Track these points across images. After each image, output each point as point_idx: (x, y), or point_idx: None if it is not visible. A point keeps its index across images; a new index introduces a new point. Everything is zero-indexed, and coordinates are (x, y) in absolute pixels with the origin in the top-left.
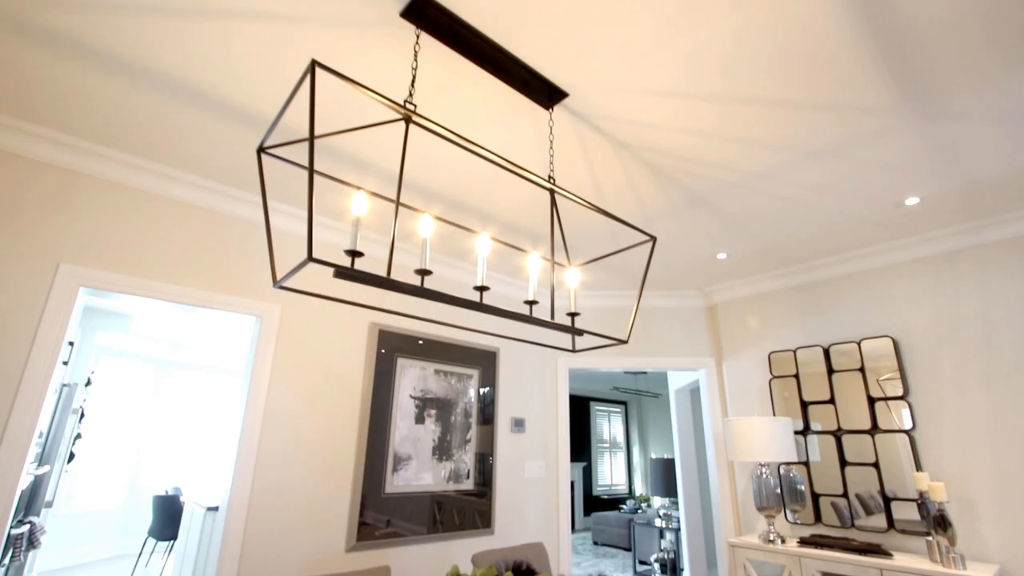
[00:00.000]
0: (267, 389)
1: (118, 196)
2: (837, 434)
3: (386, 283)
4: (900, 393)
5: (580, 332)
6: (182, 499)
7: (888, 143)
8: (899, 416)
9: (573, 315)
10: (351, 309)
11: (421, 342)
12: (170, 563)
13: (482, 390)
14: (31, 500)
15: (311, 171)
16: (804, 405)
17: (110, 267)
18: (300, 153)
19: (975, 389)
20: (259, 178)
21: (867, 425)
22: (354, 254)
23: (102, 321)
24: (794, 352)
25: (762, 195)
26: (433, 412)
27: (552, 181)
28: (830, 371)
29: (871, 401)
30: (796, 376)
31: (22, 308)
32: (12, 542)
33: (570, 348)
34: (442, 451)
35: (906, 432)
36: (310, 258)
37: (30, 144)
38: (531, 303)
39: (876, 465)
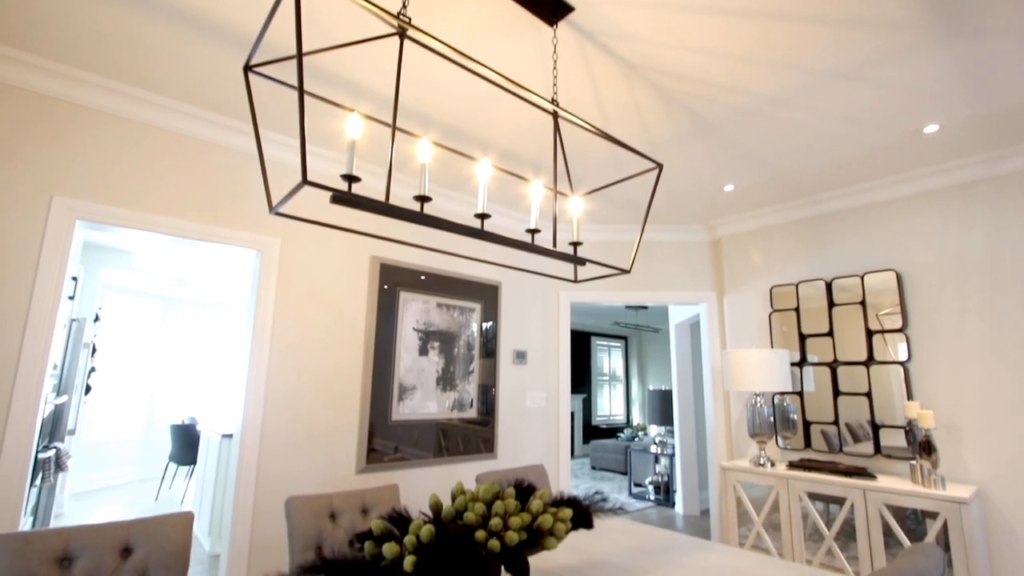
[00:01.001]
0: (272, 323)
1: (111, 127)
2: (833, 365)
3: (385, 209)
4: (899, 326)
5: (582, 261)
6: (198, 428)
7: (911, 63)
8: (895, 348)
9: (576, 244)
10: (352, 243)
11: (423, 277)
12: (192, 485)
13: (484, 324)
14: (54, 428)
15: (300, 87)
16: (802, 338)
17: (105, 200)
18: (290, 74)
19: (974, 322)
20: (248, 99)
21: (863, 357)
22: (351, 179)
23: (104, 257)
24: (796, 286)
25: (773, 121)
26: (436, 344)
27: (555, 103)
28: (831, 305)
29: (869, 334)
30: (796, 310)
31: (20, 243)
32: (41, 465)
33: (572, 279)
34: (446, 381)
35: (901, 363)
36: (305, 181)
37: (18, 72)
38: (533, 231)
39: (868, 395)
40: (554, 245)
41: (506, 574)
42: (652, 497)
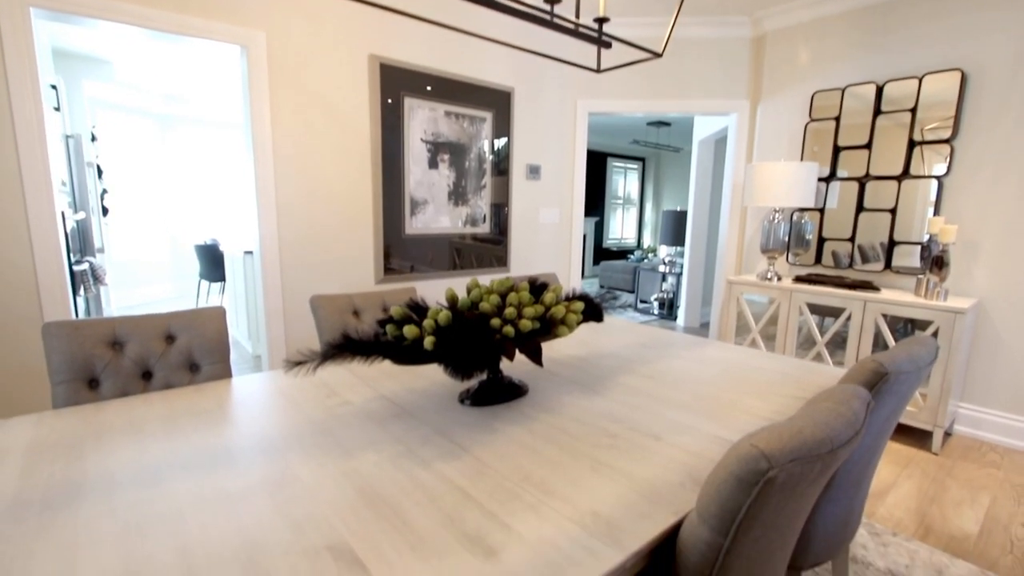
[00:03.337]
0: (271, 134)
1: None
2: (863, 180)
3: None
4: (946, 136)
5: (607, 43)
6: (220, 248)
7: None
8: (930, 166)
9: (601, 20)
10: (347, 38)
11: (429, 88)
12: (226, 299)
13: (496, 141)
14: (83, 244)
15: None
16: (837, 151)
17: None
18: None
19: None
20: None
21: (898, 171)
22: None
23: (82, 67)
24: (842, 91)
25: None
26: (446, 157)
27: None
28: (876, 112)
29: (911, 145)
30: (837, 119)
31: None
32: (79, 278)
33: (594, 68)
34: (457, 196)
35: (937, 177)
36: None
37: None
38: (552, 1)
39: (893, 211)
40: (576, 15)
41: (520, 356)
42: (656, 312)
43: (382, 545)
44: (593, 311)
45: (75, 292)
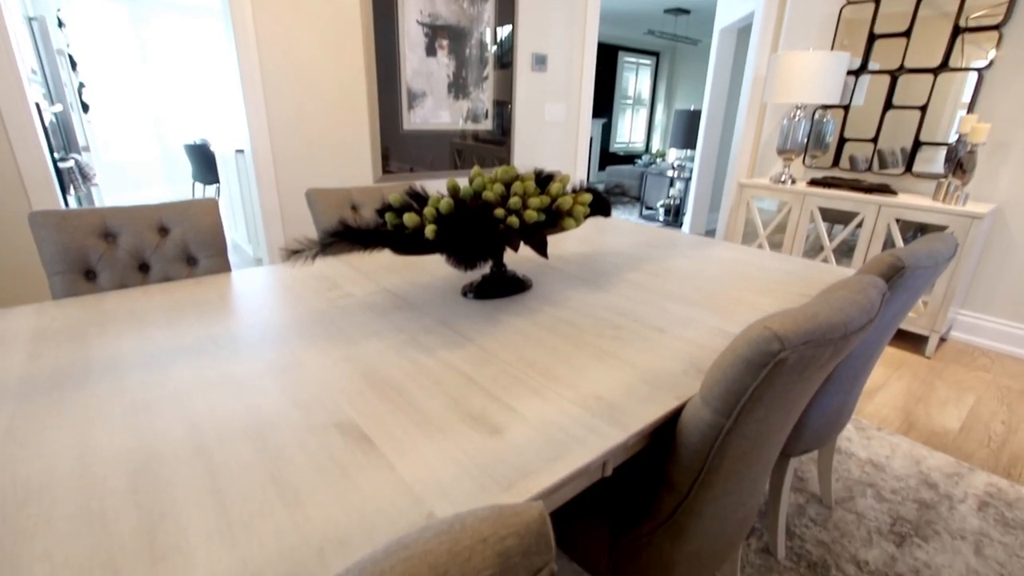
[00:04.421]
0: (252, 16)
1: None
2: (896, 73)
3: None
4: (996, 23)
5: None
6: (211, 147)
7: None
8: (971, 59)
9: None
10: None
11: None
12: (222, 201)
13: (499, 29)
14: (67, 141)
15: None
16: (871, 39)
17: None
18: None
19: None
20: None
21: (936, 62)
22: None
23: None
24: None
25: None
26: (445, 43)
27: None
28: None
29: (956, 32)
30: (876, 2)
31: None
32: (67, 176)
33: None
34: (458, 88)
35: (977, 70)
36: None
37: None
38: None
39: (924, 108)
40: None
41: (523, 251)
42: (661, 219)
43: (387, 423)
44: (600, 205)
45: (64, 191)
